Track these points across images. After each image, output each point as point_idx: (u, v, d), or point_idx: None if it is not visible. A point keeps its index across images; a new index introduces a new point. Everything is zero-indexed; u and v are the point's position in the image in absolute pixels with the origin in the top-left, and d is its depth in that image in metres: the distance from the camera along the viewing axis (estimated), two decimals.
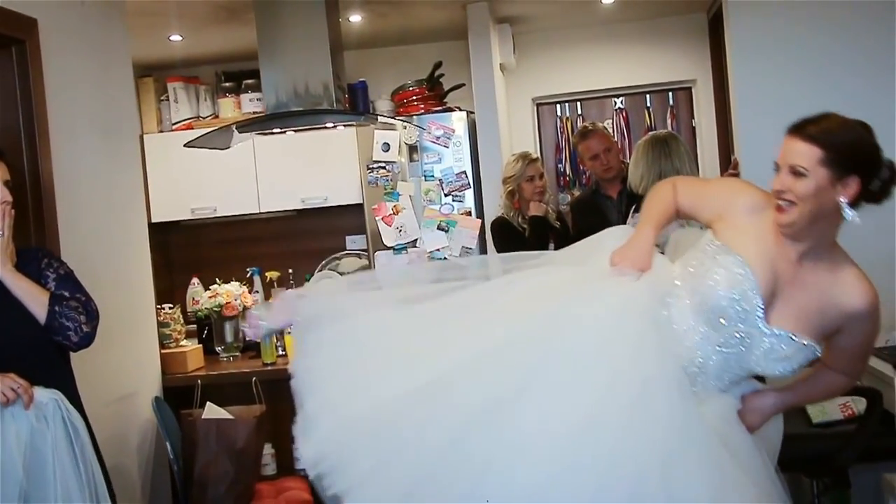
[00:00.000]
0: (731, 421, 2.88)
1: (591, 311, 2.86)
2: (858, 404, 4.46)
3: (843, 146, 2.74)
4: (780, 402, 3.01)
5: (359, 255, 7.59)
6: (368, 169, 6.85)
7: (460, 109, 6.93)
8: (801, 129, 2.80)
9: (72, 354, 3.79)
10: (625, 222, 5.10)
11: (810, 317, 2.84)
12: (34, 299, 3.58)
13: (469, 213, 6.81)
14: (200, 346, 5.95)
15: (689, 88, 7.91)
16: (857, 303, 2.83)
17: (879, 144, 2.83)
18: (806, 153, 2.75)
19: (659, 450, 2.62)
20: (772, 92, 5.61)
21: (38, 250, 3.90)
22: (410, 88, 7.01)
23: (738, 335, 2.83)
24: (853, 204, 2.78)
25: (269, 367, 5.60)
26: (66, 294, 3.68)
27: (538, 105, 8.16)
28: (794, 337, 2.81)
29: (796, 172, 2.76)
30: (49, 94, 4.45)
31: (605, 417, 2.65)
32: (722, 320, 2.83)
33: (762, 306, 2.81)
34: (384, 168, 6.83)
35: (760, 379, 3.05)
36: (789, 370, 2.85)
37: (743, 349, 2.84)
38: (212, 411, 5.16)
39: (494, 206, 6.23)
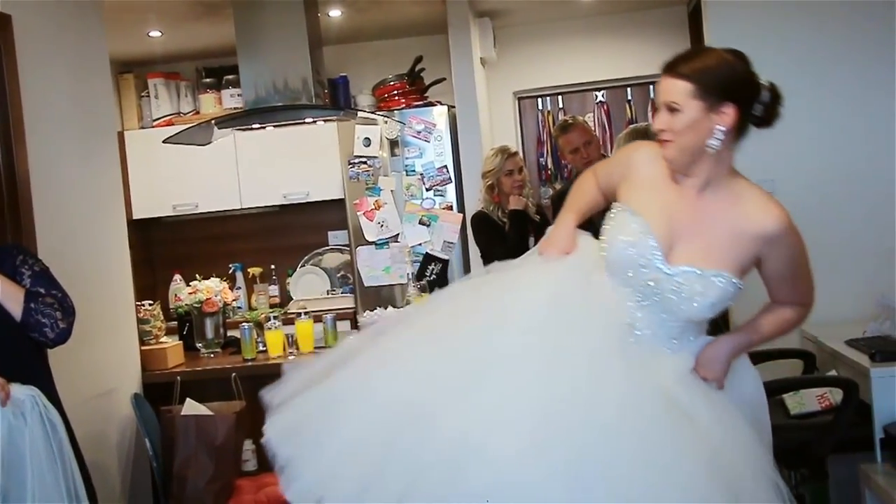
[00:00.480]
0: (686, 381, 2.84)
1: (524, 299, 2.91)
2: (835, 395, 4.48)
3: (711, 76, 2.76)
4: (732, 343, 2.95)
5: (341, 251, 7.60)
6: (349, 164, 6.87)
7: (441, 104, 6.95)
8: (671, 67, 2.83)
9: (50, 351, 3.79)
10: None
11: (720, 248, 2.83)
12: (9, 296, 3.56)
13: (450, 208, 6.83)
14: (180, 342, 5.94)
15: None
16: (766, 224, 2.82)
17: (753, 70, 2.84)
18: (676, 89, 2.79)
19: (611, 418, 2.63)
20: None
21: (13, 247, 3.90)
22: (391, 83, 7.03)
23: (648, 284, 2.83)
24: (741, 130, 2.84)
25: (250, 363, 5.58)
26: (42, 291, 3.68)
27: (519, 99, 8.16)
28: (699, 271, 2.80)
29: (671, 109, 2.80)
30: (24, 91, 4.44)
31: (558, 399, 2.66)
32: (629, 273, 2.85)
33: (657, 247, 2.83)
34: (365, 163, 6.85)
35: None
36: (708, 305, 2.81)
37: (657, 297, 2.84)
38: (191, 407, 5.15)
39: (476, 201, 6.24)
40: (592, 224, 3.18)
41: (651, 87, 7.94)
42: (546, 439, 2.61)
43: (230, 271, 7.35)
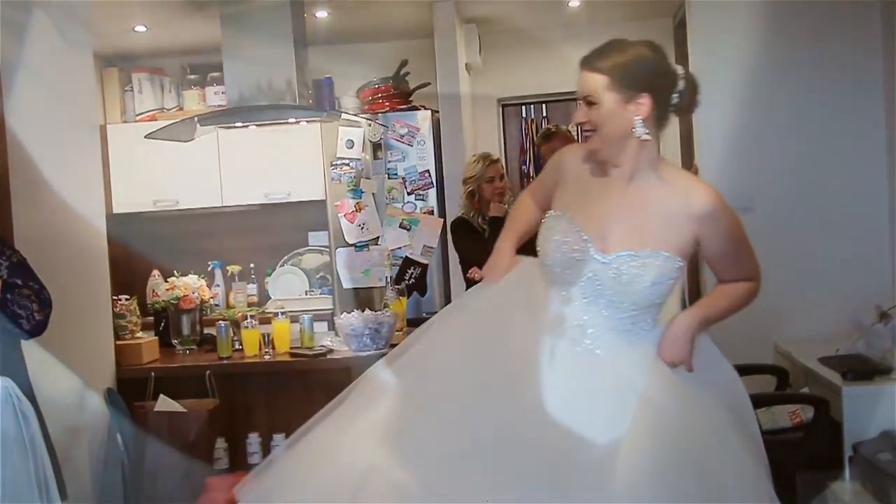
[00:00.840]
0: (648, 370, 2.87)
1: (460, 318, 3.10)
2: (807, 412, 4.50)
3: (625, 69, 2.84)
4: (688, 318, 2.95)
5: (320, 252, 7.60)
6: (332, 165, 6.87)
7: (425, 108, 6.96)
8: (587, 61, 2.91)
9: (23, 344, 3.78)
10: None
11: (653, 231, 2.88)
12: None
13: (431, 212, 6.84)
14: (156, 338, 5.92)
15: None
16: (698, 204, 2.88)
17: (668, 61, 2.94)
18: (593, 82, 2.86)
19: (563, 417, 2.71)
20: (733, 98, 5.65)
21: None
22: (376, 86, 7.03)
23: (589, 277, 2.87)
24: (660, 118, 2.91)
25: (225, 361, 5.58)
26: (19, 282, 3.67)
27: (503, 106, 8.18)
28: (634, 253, 2.85)
29: (589, 102, 2.88)
30: (4, 82, 4.43)
31: (492, 398, 2.78)
32: (568, 271, 2.90)
33: (589, 239, 2.88)
34: (348, 165, 6.85)
35: None
36: (649, 285, 2.85)
37: (600, 288, 2.87)
38: (164, 404, 5.14)
39: (457, 206, 6.25)
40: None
41: None
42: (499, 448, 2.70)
43: (209, 268, 7.34)
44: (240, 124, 5.84)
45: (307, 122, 6.21)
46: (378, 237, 6.85)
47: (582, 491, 2.59)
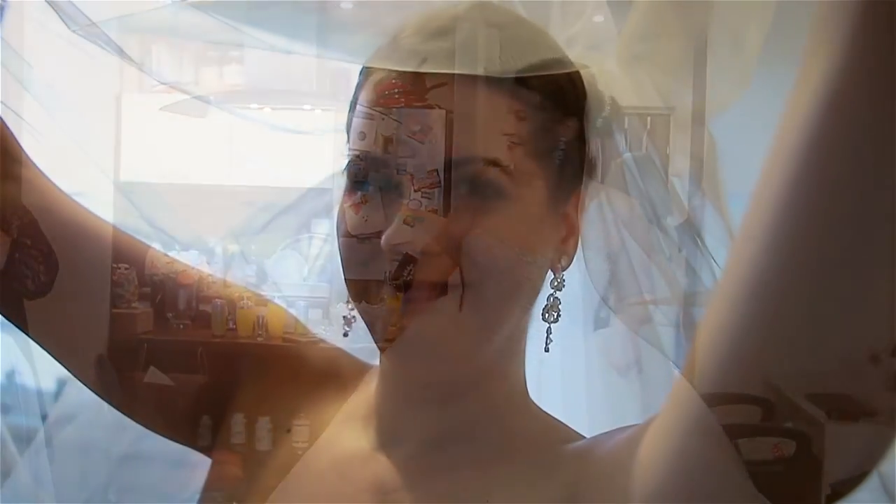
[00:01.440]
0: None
1: None
2: (790, 447, 4.53)
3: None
4: None
5: (322, 239, 7.62)
6: (342, 155, 6.90)
7: (440, 108, 6.97)
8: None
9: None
10: None
11: None
12: None
13: (436, 212, 6.85)
14: (151, 309, 5.94)
15: (668, 115, 7.96)
16: None
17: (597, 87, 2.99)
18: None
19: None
20: (746, 122, 5.68)
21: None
22: (393, 81, 7.05)
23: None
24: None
25: (218, 340, 5.60)
26: (29, 242, 3.70)
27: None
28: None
29: (519, 117, 2.93)
30: (23, 42, 4.46)
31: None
32: None
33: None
34: (357, 156, 6.86)
35: None
36: None
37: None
38: (153, 376, 5.17)
39: None
40: None
41: (648, 118, 8.01)
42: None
43: (210, 245, 7.37)
44: (255, 105, 5.87)
45: (322, 110, 6.25)
46: (380, 231, 6.87)
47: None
